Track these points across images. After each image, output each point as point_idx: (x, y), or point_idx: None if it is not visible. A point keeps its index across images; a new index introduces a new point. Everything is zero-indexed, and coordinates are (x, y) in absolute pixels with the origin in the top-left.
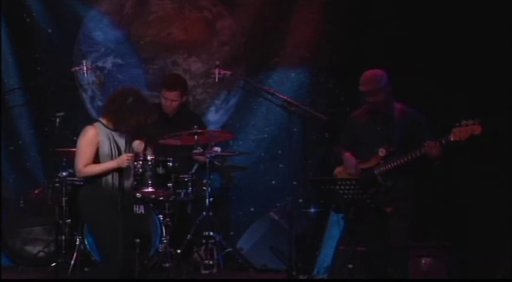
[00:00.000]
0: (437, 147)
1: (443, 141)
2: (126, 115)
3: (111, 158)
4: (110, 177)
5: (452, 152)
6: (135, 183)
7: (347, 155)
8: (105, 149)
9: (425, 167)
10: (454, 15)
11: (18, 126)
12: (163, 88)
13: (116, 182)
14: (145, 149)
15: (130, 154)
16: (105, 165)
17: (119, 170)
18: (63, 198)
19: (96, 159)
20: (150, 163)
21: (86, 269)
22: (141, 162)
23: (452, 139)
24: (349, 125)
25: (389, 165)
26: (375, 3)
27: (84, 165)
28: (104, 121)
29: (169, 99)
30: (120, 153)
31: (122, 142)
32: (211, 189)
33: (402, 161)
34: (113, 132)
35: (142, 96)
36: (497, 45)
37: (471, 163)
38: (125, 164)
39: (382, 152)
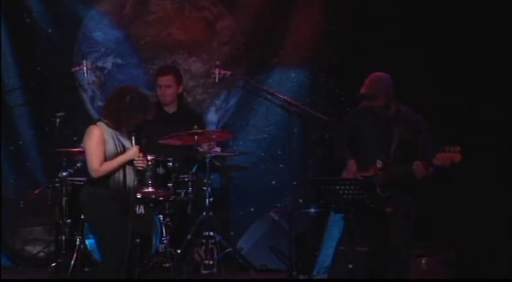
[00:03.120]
0: (424, 171)
1: (427, 165)
2: (126, 114)
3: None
4: (116, 176)
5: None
6: (135, 183)
7: (351, 162)
8: (110, 148)
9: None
10: (454, 15)
11: (18, 126)
12: (157, 77)
13: (123, 181)
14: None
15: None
16: (118, 160)
17: (124, 171)
18: (63, 198)
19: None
20: (150, 163)
21: (86, 269)
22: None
23: (435, 164)
24: (351, 121)
25: (386, 177)
26: (375, 3)
27: (99, 165)
28: (105, 121)
29: (164, 86)
30: (124, 151)
31: (126, 141)
32: (211, 189)
33: (395, 174)
34: (116, 132)
35: (139, 93)
36: (497, 45)
37: (471, 163)
38: (136, 156)
39: (379, 163)
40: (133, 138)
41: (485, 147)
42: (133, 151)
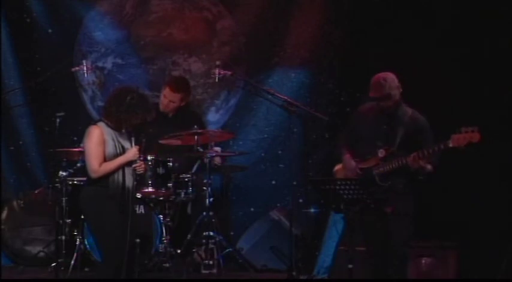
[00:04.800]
0: (417, 162)
1: (442, 147)
2: (126, 114)
3: (117, 158)
4: (116, 176)
5: (453, 151)
6: (135, 183)
7: (346, 156)
8: (110, 148)
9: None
10: (455, 15)
11: (18, 126)
12: (167, 87)
13: (122, 182)
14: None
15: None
16: (118, 161)
17: (123, 171)
18: (63, 198)
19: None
20: (150, 163)
21: (86, 269)
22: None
23: (450, 145)
24: (354, 121)
25: (387, 167)
26: (375, 3)
27: (99, 165)
28: (106, 121)
29: (168, 99)
30: (124, 152)
31: (125, 142)
32: (211, 189)
33: (395, 165)
34: (116, 132)
35: (139, 94)
36: (498, 45)
37: (471, 163)
38: (135, 157)
39: (381, 152)
40: (133, 139)
41: (486, 147)
42: (132, 152)
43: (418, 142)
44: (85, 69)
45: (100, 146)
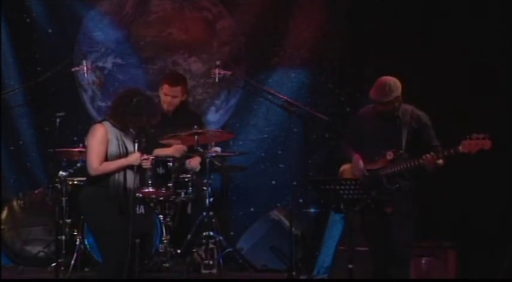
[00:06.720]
0: (433, 162)
1: (452, 152)
2: (131, 116)
3: (119, 158)
4: (117, 177)
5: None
6: (136, 183)
7: (356, 156)
8: (113, 148)
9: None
10: (455, 15)
11: (18, 126)
12: (166, 84)
13: (124, 182)
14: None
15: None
16: (119, 163)
17: (125, 171)
18: (63, 198)
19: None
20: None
21: (86, 269)
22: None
23: (461, 151)
24: (355, 125)
25: (396, 169)
26: (375, 3)
27: (99, 163)
28: (111, 121)
29: (170, 95)
30: (127, 153)
31: (128, 142)
32: (211, 189)
33: (405, 166)
34: (121, 132)
35: (147, 96)
36: (498, 45)
37: (471, 163)
38: (137, 162)
39: (389, 155)
40: (136, 144)
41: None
42: (134, 157)
43: (423, 139)
44: (85, 69)
45: (103, 145)
